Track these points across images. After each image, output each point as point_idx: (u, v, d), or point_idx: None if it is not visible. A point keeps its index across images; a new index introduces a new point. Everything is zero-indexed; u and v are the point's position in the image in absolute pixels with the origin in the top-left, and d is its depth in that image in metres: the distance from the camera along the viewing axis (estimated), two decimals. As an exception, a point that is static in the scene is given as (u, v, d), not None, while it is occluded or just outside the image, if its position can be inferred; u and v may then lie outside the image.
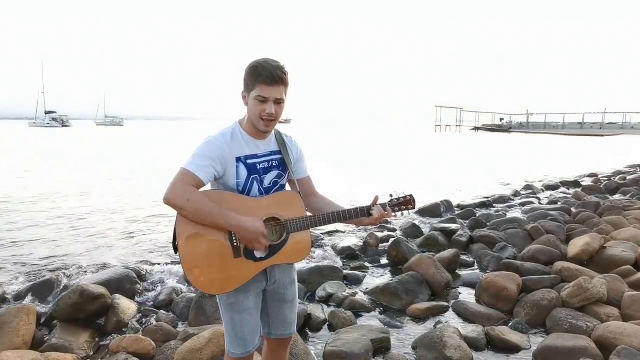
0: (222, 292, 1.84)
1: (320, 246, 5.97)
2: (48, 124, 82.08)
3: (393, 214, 2.02)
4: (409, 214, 2.05)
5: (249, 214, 1.79)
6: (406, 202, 2.05)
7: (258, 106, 1.77)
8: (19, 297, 4.20)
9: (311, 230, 1.96)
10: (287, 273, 2.02)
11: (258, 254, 1.84)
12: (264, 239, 1.78)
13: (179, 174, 1.73)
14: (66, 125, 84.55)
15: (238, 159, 1.83)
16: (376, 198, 2.01)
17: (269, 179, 1.92)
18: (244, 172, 1.84)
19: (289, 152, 1.98)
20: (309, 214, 1.97)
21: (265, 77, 1.73)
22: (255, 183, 1.87)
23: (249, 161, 1.85)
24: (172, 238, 1.82)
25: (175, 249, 1.78)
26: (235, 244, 1.80)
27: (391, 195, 2.07)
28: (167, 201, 1.71)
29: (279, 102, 1.78)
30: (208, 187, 1.83)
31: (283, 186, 1.99)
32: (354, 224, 2.03)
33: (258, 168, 1.88)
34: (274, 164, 1.93)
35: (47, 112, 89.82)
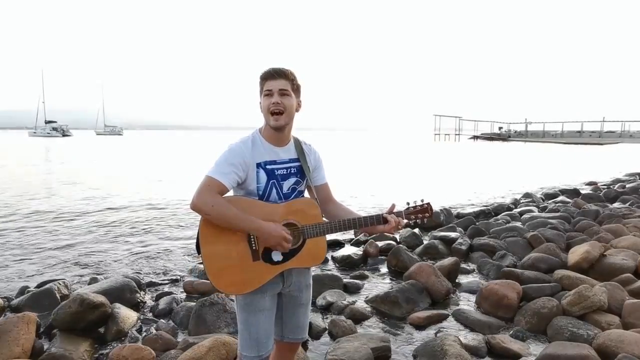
0: (240, 292, 1.91)
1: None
2: (48, 133, 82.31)
3: (409, 221, 2.05)
4: (425, 222, 2.07)
5: (267, 220, 1.87)
6: (423, 210, 2.07)
7: (266, 101, 1.89)
8: (19, 306, 4.19)
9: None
10: (303, 277, 2.07)
11: (275, 258, 1.90)
12: (286, 242, 1.85)
13: (204, 181, 1.82)
14: (66, 135, 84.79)
15: (258, 165, 1.90)
16: (392, 206, 2.05)
17: (287, 185, 1.98)
18: (263, 177, 1.91)
19: (307, 159, 2.03)
20: (325, 220, 2.02)
21: (267, 73, 1.90)
22: (274, 188, 1.94)
23: (268, 167, 1.92)
24: (195, 241, 1.91)
25: (198, 250, 1.86)
26: (254, 248, 1.87)
27: (408, 203, 2.09)
28: (194, 206, 1.80)
29: (283, 93, 1.88)
30: (230, 192, 1.90)
31: (301, 192, 2.04)
32: (368, 231, 2.07)
33: (276, 174, 1.94)
34: (292, 171, 1.99)
35: (47, 122, 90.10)
